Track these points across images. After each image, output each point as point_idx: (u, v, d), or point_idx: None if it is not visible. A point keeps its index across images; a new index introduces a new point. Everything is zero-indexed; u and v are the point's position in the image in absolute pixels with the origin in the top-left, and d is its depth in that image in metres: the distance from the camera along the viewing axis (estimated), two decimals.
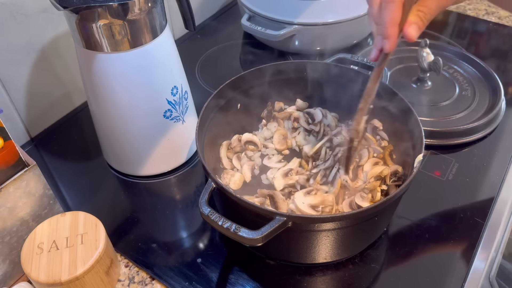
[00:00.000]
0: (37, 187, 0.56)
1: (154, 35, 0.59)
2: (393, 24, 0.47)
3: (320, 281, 0.58)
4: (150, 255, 0.61)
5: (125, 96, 0.62)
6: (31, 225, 0.57)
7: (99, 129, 0.69)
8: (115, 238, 0.62)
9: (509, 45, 0.99)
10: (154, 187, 0.71)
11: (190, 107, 0.71)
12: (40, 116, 0.80)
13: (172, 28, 1.01)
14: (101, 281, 0.54)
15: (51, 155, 0.77)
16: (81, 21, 0.55)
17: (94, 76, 0.60)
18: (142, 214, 0.67)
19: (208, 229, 0.64)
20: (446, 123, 0.76)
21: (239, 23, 0.93)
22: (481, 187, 0.68)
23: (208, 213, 0.48)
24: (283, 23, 0.88)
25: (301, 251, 0.55)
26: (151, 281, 0.58)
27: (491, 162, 0.71)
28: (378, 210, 0.49)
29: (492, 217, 0.63)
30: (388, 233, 0.62)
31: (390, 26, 0.48)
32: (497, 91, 0.80)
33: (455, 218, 0.63)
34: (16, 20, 0.70)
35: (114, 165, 0.73)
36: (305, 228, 0.50)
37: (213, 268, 0.59)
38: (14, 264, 0.57)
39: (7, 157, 0.52)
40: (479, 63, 0.87)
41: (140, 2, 0.55)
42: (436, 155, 0.73)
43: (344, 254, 0.58)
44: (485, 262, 0.58)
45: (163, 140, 0.68)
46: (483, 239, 0.61)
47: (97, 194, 0.71)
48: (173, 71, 0.65)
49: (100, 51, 0.57)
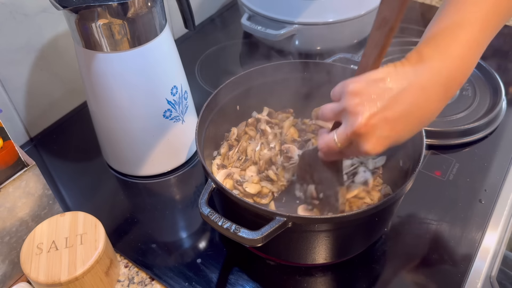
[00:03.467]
0: (37, 187, 0.56)
1: (154, 35, 0.59)
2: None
3: (320, 282, 0.58)
4: (150, 256, 0.61)
5: (125, 96, 0.62)
6: (31, 225, 0.57)
7: (98, 129, 0.69)
8: (114, 238, 0.62)
9: (510, 45, 0.99)
10: (153, 187, 0.71)
11: (190, 107, 0.71)
12: (39, 116, 0.80)
13: (172, 28, 1.01)
14: (100, 282, 0.54)
15: (50, 155, 0.77)
16: (81, 21, 0.55)
17: (93, 76, 0.60)
18: (141, 214, 0.67)
19: (208, 230, 0.64)
20: (446, 123, 0.76)
21: (239, 23, 0.93)
22: (481, 187, 0.67)
23: (208, 214, 0.48)
24: (283, 22, 0.88)
25: (301, 252, 0.54)
26: (150, 281, 0.58)
27: (492, 162, 0.71)
28: (378, 210, 0.49)
29: (493, 217, 0.63)
30: (388, 233, 0.62)
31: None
32: (497, 91, 0.80)
33: (456, 218, 0.63)
34: (15, 20, 0.70)
35: (113, 165, 0.73)
36: (305, 229, 0.50)
37: (213, 268, 0.59)
38: (14, 265, 0.57)
39: (6, 157, 0.51)
40: (479, 62, 0.86)
41: (140, 2, 0.55)
42: (436, 155, 0.73)
43: (344, 255, 0.58)
44: (485, 262, 0.58)
45: (163, 140, 0.68)
46: (484, 239, 0.61)
47: (97, 194, 0.71)
48: (173, 71, 0.65)
49: (99, 50, 0.57)
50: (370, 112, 0.43)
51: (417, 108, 0.44)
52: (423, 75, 0.43)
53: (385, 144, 0.45)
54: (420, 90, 0.43)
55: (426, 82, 0.43)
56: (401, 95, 0.43)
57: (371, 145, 0.44)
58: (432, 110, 0.45)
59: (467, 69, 0.45)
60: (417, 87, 0.43)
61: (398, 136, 0.45)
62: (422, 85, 0.43)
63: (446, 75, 0.44)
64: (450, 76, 0.44)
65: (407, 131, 0.45)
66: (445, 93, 0.44)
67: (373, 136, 0.44)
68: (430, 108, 0.44)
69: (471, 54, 0.44)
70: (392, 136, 0.44)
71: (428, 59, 0.44)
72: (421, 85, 0.43)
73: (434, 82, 0.43)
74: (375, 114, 0.43)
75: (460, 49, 0.44)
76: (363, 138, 0.44)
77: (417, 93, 0.43)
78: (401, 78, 0.44)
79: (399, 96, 0.43)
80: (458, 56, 0.44)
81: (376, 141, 0.44)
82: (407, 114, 0.43)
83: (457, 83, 0.45)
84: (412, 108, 0.43)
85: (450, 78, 0.44)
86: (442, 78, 0.43)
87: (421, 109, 0.44)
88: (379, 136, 0.44)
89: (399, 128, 0.44)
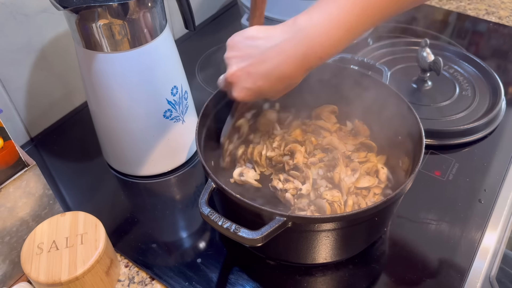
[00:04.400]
0: (37, 187, 0.56)
1: (154, 35, 0.59)
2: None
3: (320, 281, 0.58)
4: (150, 255, 0.61)
5: (125, 96, 0.62)
6: (31, 225, 0.57)
7: (99, 129, 0.69)
8: (115, 238, 0.62)
9: (509, 45, 0.99)
10: (154, 187, 0.71)
11: (190, 107, 0.71)
12: (40, 116, 0.80)
13: (172, 28, 1.01)
14: (101, 281, 0.54)
15: (51, 155, 0.77)
16: (81, 21, 0.55)
17: (94, 76, 0.60)
18: (142, 214, 0.67)
19: (208, 229, 0.64)
20: (446, 123, 0.76)
21: (239, 23, 0.93)
22: (481, 187, 0.67)
23: (208, 213, 0.48)
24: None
25: (301, 251, 0.54)
26: (151, 281, 0.58)
27: (492, 162, 0.71)
28: (378, 210, 0.49)
29: (493, 217, 0.63)
30: (388, 233, 0.62)
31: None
32: (497, 91, 0.80)
33: (455, 218, 0.63)
34: (16, 20, 0.70)
35: (114, 165, 0.73)
36: (305, 228, 0.50)
37: (213, 268, 0.59)
38: (14, 264, 0.57)
39: (7, 157, 0.51)
40: (479, 63, 0.87)
41: (140, 2, 0.55)
42: (436, 155, 0.73)
43: (344, 254, 0.58)
44: (485, 262, 0.58)
45: (163, 140, 0.68)
46: (483, 239, 0.61)
47: (97, 194, 0.71)
48: (173, 71, 0.65)
49: (100, 51, 0.57)
50: (237, 66, 0.51)
51: (276, 69, 0.49)
52: (287, 40, 0.48)
53: (248, 94, 0.52)
54: (281, 53, 0.48)
55: (288, 46, 0.48)
56: (264, 54, 0.49)
57: (236, 93, 0.53)
58: (290, 74, 0.50)
59: (329, 46, 0.47)
60: (279, 49, 0.49)
61: (259, 89, 0.52)
62: (283, 48, 0.48)
63: (307, 44, 0.47)
64: (310, 47, 0.47)
65: (268, 87, 0.51)
66: (303, 62, 0.48)
67: (238, 86, 0.52)
68: (288, 71, 0.49)
69: (334, 30, 0.46)
70: (254, 89, 0.52)
71: (298, 25, 0.48)
72: (282, 49, 0.48)
73: (295, 49, 0.48)
74: (241, 68, 0.51)
75: (324, 20, 0.46)
76: (231, 85, 0.53)
77: (278, 55, 0.49)
78: (269, 39, 0.50)
79: (263, 55, 0.49)
80: (321, 26, 0.46)
81: (240, 90, 0.52)
82: (267, 72, 0.50)
83: (317, 57, 0.48)
84: (272, 68, 0.49)
85: (310, 49, 0.47)
86: (303, 47, 0.47)
87: (280, 70, 0.49)
88: (242, 87, 0.52)
89: (260, 83, 0.51)
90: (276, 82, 0.51)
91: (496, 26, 1.05)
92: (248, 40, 0.51)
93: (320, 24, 0.46)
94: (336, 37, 0.46)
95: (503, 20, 1.07)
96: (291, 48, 0.48)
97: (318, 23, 0.46)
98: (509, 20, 1.07)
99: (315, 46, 0.47)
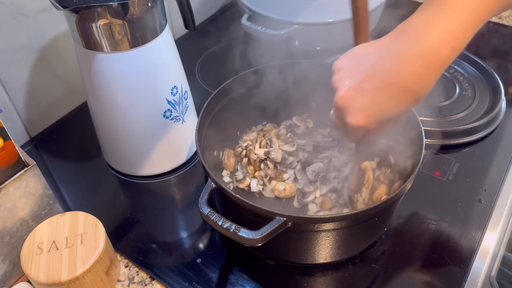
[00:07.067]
0: (37, 187, 0.56)
1: (154, 35, 0.59)
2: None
3: (320, 281, 0.58)
4: (150, 255, 0.61)
5: (125, 96, 0.62)
6: (31, 225, 0.57)
7: (99, 129, 0.69)
8: (115, 238, 0.62)
9: (509, 45, 0.99)
10: (154, 187, 0.71)
11: (190, 107, 0.71)
12: (39, 116, 0.80)
13: (172, 28, 1.01)
14: (101, 281, 0.54)
15: (50, 155, 0.77)
16: (81, 21, 0.55)
17: (94, 76, 0.60)
18: (142, 214, 0.67)
19: (208, 229, 0.64)
20: (446, 123, 0.76)
21: (239, 23, 0.93)
22: (481, 187, 0.67)
23: (208, 213, 0.48)
24: (283, 22, 0.88)
25: (301, 251, 0.54)
26: (151, 281, 0.58)
27: (492, 162, 0.71)
28: (378, 210, 0.49)
29: (493, 217, 0.63)
30: (388, 233, 0.62)
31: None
32: (497, 91, 0.80)
33: (455, 218, 0.63)
34: (16, 20, 0.70)
35: (114, 165, 0.73)
36: (305, 228, 0.50)
37: (213, 268, 0.59)
38: (14, 264, 0.57)
39: (6, 157, 0.51)
40: (479, 63, 0.87)
41: (140, 2, 0.55)
42: (436, 155, 0.73)
43: (344, 254, 0.58)
44: (485, 262, 0.58)
45: (163, 140, 0.68)
46: (483, 239, 0.61)
47: (97, 194, 0.71)
48: (173, 71, 0.65)
49: (100, 51, 0.57)
50: (347, 85, 0.43)
51: (397, 76, 0.41)
52: (401, 43, 0.41)
53: (368, 115, 0.43)
54: (397, 57, 0.41)
55: (404, 49, 0.40)
56: (379, 64, 0.41)
57: (352, 118, 0.43)
58: (416, 79, 0.40)
59: (462, 30, 0.40)
60: (394, 54, 0.41)
61: (380, 107, 0.42)
62: (399, 52, 0.40)
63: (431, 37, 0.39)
64: (437, 38, 0.39)
65: (391, 102, 0.42)
66: (430, 60, 0.40)
67: (353, 108, 0.43)
68: (412, 76, 0.40)
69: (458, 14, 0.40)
70: (373, 108, 0.42)
71: (412, 28, 0.41)
72: (398, 52, 0.41)
73: (414, 51, 0.40)
74: (353, 86, 0.42)
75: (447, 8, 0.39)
76: (344, 111, 0.44)
77: (394, 60, 0.41)
78: (381, 48, 0.42)
79: (376, 65, 0.42)
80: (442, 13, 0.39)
81: (356, 113, 0.43)
82: (385, 83, 0.41)
83: (449, 47, 0.40)
84: (390, 76, 0.41)
85: (438, 41, 0.39)
86: (427, 40, 0.39)
87: (402, 76, 0.40)
88: (359, 108, 0.43)
89: (380, 99, 0.42)
90: (400, 94, 0.41)
91: (496, 26, 1.05)
92: (357, 57, 0.44)
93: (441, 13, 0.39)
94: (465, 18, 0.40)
95: (503, 20, 1.07)
96: (409, 51, 0.40)
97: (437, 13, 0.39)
98: (509, 20, 1.07)
99: (443, 34, 0.39)
